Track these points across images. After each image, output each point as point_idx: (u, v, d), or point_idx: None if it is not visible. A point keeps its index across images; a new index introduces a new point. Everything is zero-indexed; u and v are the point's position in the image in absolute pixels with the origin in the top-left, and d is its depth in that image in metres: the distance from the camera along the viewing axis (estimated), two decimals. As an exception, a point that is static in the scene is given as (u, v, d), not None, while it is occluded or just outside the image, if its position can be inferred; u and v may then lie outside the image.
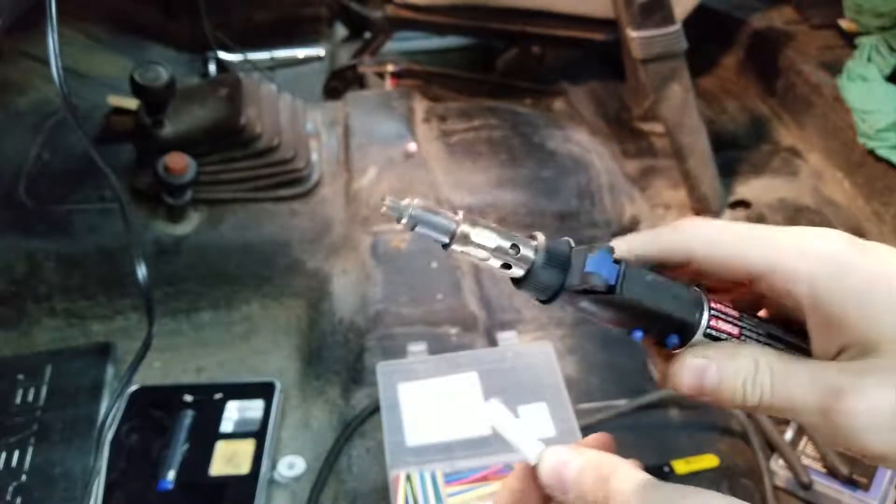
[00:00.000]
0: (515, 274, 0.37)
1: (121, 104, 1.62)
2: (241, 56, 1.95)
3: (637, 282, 0.36)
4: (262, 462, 1.04)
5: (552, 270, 0.36)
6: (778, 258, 0.35)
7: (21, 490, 0.99)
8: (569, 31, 1.83)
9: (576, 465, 0.36)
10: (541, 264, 0.36)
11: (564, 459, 0.37)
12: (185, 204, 1.39)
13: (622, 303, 0.36)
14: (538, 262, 0.36)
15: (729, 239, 0.37)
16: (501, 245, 0.36)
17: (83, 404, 1.11)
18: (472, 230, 0.36)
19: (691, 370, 0.36)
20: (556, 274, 0.36)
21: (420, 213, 0.36)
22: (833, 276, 0.34)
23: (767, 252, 0.35)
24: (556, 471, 0.37)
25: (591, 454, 0.37)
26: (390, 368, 1.13)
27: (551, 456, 0.37)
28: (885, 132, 1.47)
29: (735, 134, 1.79)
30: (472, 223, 0.36)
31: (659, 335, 0.38)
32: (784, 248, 0.35)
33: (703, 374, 0.36)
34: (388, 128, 1.64)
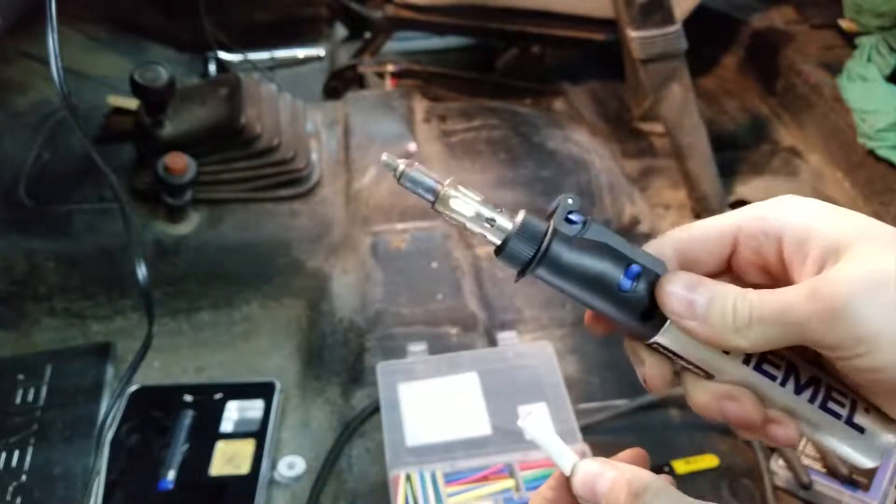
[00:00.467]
0: (493, 242, 0.38)
1: (121, 104, 1.62)
2: (241, 56, 1.95)
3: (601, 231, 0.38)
4: (262, 462, 1.04)
5: (524, 243, 0.37)
6: (760, 212, 0.38)
7: (21, 490, 0.99)
8: (569, 31, 1.83)
9: (608, 479, 0.37)
10: (514, 235, 0.38)
11: (597, 472, 0.38)
12: (185, 204, 1.39)
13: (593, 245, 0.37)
14: (512, 233, 0.38)
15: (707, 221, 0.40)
16: (480, 213, 0.38)
17: (83, 404, 1.11)
18: (455, 195, 0.38)
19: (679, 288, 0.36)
20: (527, 247, 0.37)
21: (410, 171, 0.38)
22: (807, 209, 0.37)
23: (743, 213, 0.39)
24: (589, 483, 0.38)
25: (623, 468, 0.37)
26: (390, 368, 1.13)
27: (585, 468, 0.38)
28: (885, 132, 1.47)
29: (735, 134, 1.79)
30: (456, 189, 0.38)
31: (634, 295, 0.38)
32: (763, 205, 0.38)
33: (693, 290, 0.36)
34: (388, 128, 1.64)
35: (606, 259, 0.37)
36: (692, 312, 0.36)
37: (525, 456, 1.02)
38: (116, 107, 1.62)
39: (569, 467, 0.39)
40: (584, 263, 0.37)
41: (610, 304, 0.38)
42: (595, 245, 0.37)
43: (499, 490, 0.99)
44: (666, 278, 0.37)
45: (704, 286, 0.36)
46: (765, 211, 0.38)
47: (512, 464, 1.01)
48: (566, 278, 0.38)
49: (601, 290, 0.38)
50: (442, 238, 1.42)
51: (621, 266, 0.38)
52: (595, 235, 0.38)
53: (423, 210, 1.48)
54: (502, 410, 1.08)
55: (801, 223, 0.36)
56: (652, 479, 0.36)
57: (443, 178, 0.38)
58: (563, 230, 0.38)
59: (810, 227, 0.36)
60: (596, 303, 0.38)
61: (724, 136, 1.74)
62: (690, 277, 0.37)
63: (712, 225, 0.39)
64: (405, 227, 1.45)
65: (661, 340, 0.38)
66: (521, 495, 0.98)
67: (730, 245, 0.39)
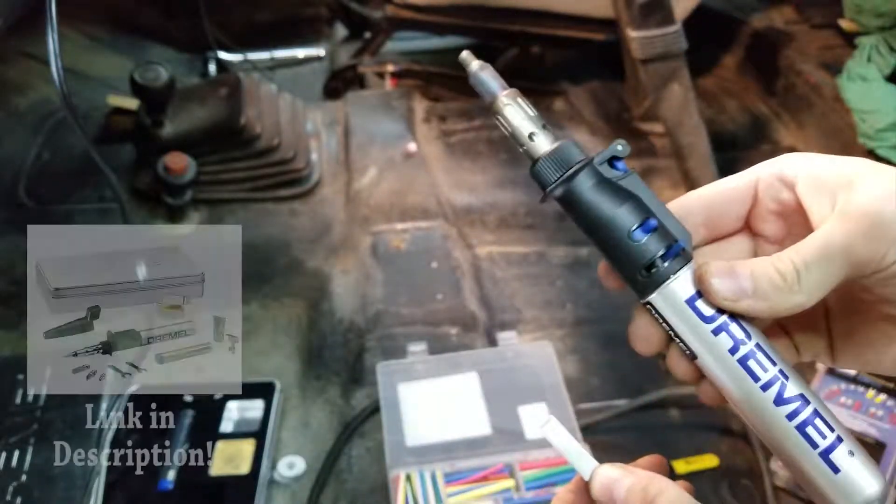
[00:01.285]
0: (530, 157, 0.40)
1: (121, 104, 1.62)
2: (241, 56, 1.95)
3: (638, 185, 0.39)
4: (262, 462, 1.04)
5: (552, 166, 0.39)
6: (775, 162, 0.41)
7: (21, 490, 0.99)
8: (569, 31, 1.83)
9: (625, 485, 0.38)
10: (545, 156, 0.39)
11: (615, 477, 0.39)
12: (185, 204, 1.39)
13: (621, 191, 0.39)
14: (545, 154, 0.39)
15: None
16: (523, 129, 0.40)
17: (83, 404, 1.11)
18: (508, 104, 0.41)
19: (722, 274, 0.37)
20: (554, 170, 0.39)
21: (479, 72, 0.42)
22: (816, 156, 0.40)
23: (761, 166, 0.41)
24: (607, 488, 0.39)
25: (641, 474, 0.38)
26: (390, 368, 1.13)
27: (603, 473, 0.39)
28: (885, 132, 1.47)
29: (735, 134, 1.79)
30: (514, 99, 0.41)
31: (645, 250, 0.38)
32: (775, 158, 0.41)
33: (733, 273, 0.37)
34: (388, 128, 1.64)
35: (628, 206, 0.38)
36: (744, 292, 0.37)
37: (525, 456, 1.02)
38: (116, 107, 1.63)
39: (588, 472, 0.40)
40: (602, 203, 0.39)
41: (616, 250, 0.39)
42: (623, 191, 0.39)
43: (499, 490, 0.99)
44: (705, 269, 0.37)
45: (741, 264, 0.37)
46: (779, 161, 0.40)
47: (512, 464, 1.01)
48: (581, 211, 0.39)
49: (611, 232, 0.38)
50: (442, 238, 1.42)
51: (640, 217, 0.38)
52: (629, 185, 0.39)
53: (423, 210, 1.48)
54: (502, 410, 1.08)
55: (813, 165, 0.39)
56: (668, 486, 0.37)
57: (506, 87, 0.41)
58: (600, 169, 0.39)
59: (822, 167, 0.38)
60: (603, 244, 0.39)
61: (724, 136, 1.74)
62: (723, 263, 0.37)
63: (734, 180, 0.41)
64: (405, 227, 1.45)
65: (659, 301, 0.38)
66: (521, 495, 0.97)
67: (751, 198, 0.41)
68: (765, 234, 0.42)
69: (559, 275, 1.37)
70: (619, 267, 0.39)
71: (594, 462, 0.40)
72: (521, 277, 1.37)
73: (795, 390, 0.37)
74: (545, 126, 0.40)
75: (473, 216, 1.48)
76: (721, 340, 0.37)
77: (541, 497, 0.97)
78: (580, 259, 1.41)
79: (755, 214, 0.41)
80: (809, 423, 0.37)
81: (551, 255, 1.41)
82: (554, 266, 1.39)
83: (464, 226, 1.46)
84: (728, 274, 0.37)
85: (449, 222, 1.46)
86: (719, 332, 0.37)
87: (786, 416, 0.37)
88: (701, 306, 0.38)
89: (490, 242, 1.44)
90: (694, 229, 0.40)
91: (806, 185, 0.38)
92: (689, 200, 0.42)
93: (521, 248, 1.42)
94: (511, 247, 1.43)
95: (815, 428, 0.37)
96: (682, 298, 0.38)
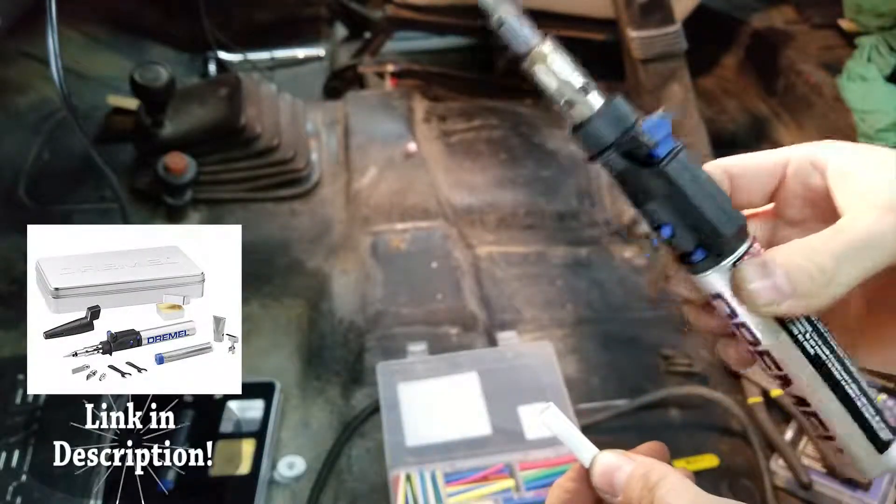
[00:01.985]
0: (575, 117, 0.35)
1: (121, 104, 1.62)
2: (241, 56, 1.95)
3: (686, 168, 0.35)
4: (262, 462, 1.04)
5: (607, 124, 0.35)
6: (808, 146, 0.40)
7: (21, 490, 0.99)
8: (569, 31, 1.83)
9: (626, 471, 0.38)
10: (599, 113, 0.35)
11: (615, 465, 0.38)
12: (185, 204, 1.39)
13: (660, 178, 0.35)
14: (598, 111, 0.35)
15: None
16: (572, 81, 0.35)
17: (83, 404, 1.11)
18: (550, 53, 0.35)
19: (758, 280, 0.35)
20: (610, 129, 0.35)
21: (509, 18, 0.35)
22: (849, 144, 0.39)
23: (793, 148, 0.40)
24: (607, 475, 0.38)
25: (641, 461, 0.38)
26: (390, 368, 1.13)
27: (603, 460, 0.39)
28: (885, 132, 1.47)
29: (735, 134, 1.79)
30: (555, 48, 0.35)
31: (685, 241, 0.36)
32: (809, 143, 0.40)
33: (768, 273, 0.35)
34: (388, 128, 1.64)
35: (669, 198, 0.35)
36: (781, 295, 0.35)
37: (525, 456, 1.02)
38: (116, 107, 1.62)
39: (588, 459, 0.39)
40: (649, 182, 0.35)
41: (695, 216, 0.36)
42: (666, 179, 0.35)
43: (499, 490, 0.99)
44: (740, 275, 0.36)
45: (773, 263, 0.35)
46: (812, 145, 0.40)
47: (512, 464, 1.01)
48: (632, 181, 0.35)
49: (657, 212, 0.36)
50: (442, 238, 1.42)
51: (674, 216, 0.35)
52: (674, 171, 0.35)
53: (423, 210, 1.48)
54: (502, 410, 1.08)
55: (845, 152, 0.38)
56: (669, 472, 0.36)
57: (542, 36, 0.35)
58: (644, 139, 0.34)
59: (854, 154, 0.38)
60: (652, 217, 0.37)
61: (724, 136, 1.74)
62: (756, 264, 0.36)
63: (764, 156, 0.40)
64: (405, 227, 1.45)
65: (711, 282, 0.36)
66: (521, 495, 0.98)
67: (779, 177, 0.40)
68: (786, 215, 0.41)
69: (559, 275, 1.37)
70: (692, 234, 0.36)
71: (594, 449, 0.40)
72: (521, 277, 1.37)
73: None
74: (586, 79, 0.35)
75: (473, 216, 1.48)
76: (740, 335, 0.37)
77: (541, 497, 0.97)
78: (580, 259, 1.41)
79: (780, 196, 0.40)
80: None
81: (551, 255, 1.41)
82: (554, 266, 1.39)
83: (464, 226, 1.47)
84: (763, 274, 0.35)
85: (449, 222, 1.46)
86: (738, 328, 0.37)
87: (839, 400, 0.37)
88: (719, 306, 0.37)
89: (490, 242, 1.44)
90: None
91: (836, 172, 0.37)
92: (715, 165, 0.40)
93: (521, 248, 1.42)
94: (511, 247, 1.43)
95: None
96: (710, 293, 0.37)
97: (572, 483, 0.40)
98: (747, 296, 0.36)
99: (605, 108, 0.35)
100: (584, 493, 0.39)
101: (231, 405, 1.11)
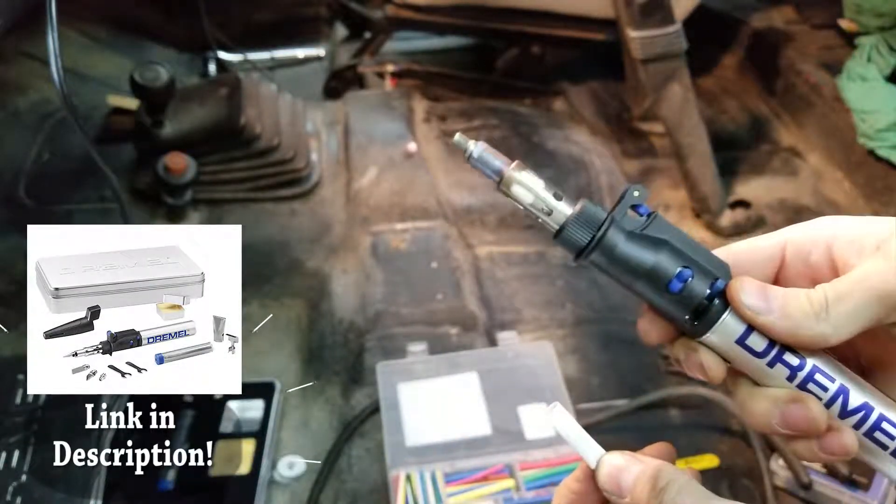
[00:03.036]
0: (552, 226, 0.39)
1: (121, 104, 1.62)
2: (241, 56, 1.95)
3: (667, 227, 0.38)
4: (262, 462, 1.04)
5: (582, 228, 0.38)
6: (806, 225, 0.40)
7: (21, 490, 0.99)
8: (569, 31, 1.83)
9: (633, 473, 0.37)
10: (572, 221, 0.38)
11: (622, 466, 0.38)
12: (185, 204, 1.39)
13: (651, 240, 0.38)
14: (571, 218, 0.38)
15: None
16: (542, 196, 0.39)
17: (83, 404, 1.11)
18: (522, 173, 0.39)
19: (753, 286, 0.36)
20: (585, 232, 0.38)
21: (480, 152, 0.39)
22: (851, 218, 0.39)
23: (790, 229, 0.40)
24: (614, 476, 0.38)
25: (648, 462, 0.38)
26: (390, 368, 1.13)
27: (610, 461, 0.38)
28: (885, 132, 1.47)
29: (735, 134, 1.79)
30: (521, 171, 0.39)
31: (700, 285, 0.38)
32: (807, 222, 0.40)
33: (765, 289, 0.36)
34: (388, 128, 1.64)
35: (662, 256, 0.38)
36: (769, 306, 0.36)
37: (525, 456, 1.02)
38: (116, 107, 1.63)
39: (594, 460, 0.39)
40: (638, 256, 0.38)
41: (661, 300, 0.38)
42: (653, 240, 0.38)
43: (499, 490, 0.99)
44: (738, 281, 0.37)
45: (774, 288, 0.37)
46: (812, 224, 0.39)
47: (512, 464, 1.01)
48: (620, 268, 0.38)
49: (653, 285, 0.38)
50: (442, 238, 1.42)
51: (676, 265, 0.38)
52: (656, 231, 0.38)
53: (423, 210, 1.48)
54: (502, 410, 1.08)
55: (851, 225, 0.38)
56: (676, 474, 0.36)
57: (509, 161, 0.39)
58: (623, 222, 0.38)
59: (861, 226, 0.37)
60: (647, 296, 0.38)
61: (724, 136, 1.74)
62: (759, 283, 0.37)
63: (761, 240, 0.40)
64: (405, 227, 1.45)
65: (712, 339, 0.38)
66: (521, 495, 0.98)
67: (778, 259, 0.40)
68: None
69: (559, 275, 1.37)
70: (666, 316, 0.39)
71: (600, 450, 0.39)
72: (521, 277, 1.37)
73: (859, 399, 0.37)
74: (556, 191, 0.39)
75: (473, 216, 1.48)
76: (778, 370, 0.37)
77: (541, 497, 0.97)
78: (580, 259, 1.41)
79: (783, 276, 0.40)
80: (876, 428, 0.37)
81: (551, 255, 1.41)
82: (554, 266, 1.39)
83: (464, 226, 1.46)
84: (760, 291, 0.36)
85: (449, 222, 1.46)
86: (774, 363, 0.37)
87: (853, 427, 0.37)
88: (753, 343, 0.37)
89: (490, 242, 1.44)
90: None
91: (843, 244, 0.37)
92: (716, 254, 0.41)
93: (521, 248, 1.42)
94: (511, 247, 1.43)
95: (882, 432, 0.37)
96: (733, 339, 0.38)
97: (578, 484, 0.40)
98: (734, 293, 0.36)
99: (577, 213, 0.38)
100: (591, 494, 0.39)
101: (231, 405, 1.11)
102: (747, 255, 0.40)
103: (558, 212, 0.39)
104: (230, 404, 1.11)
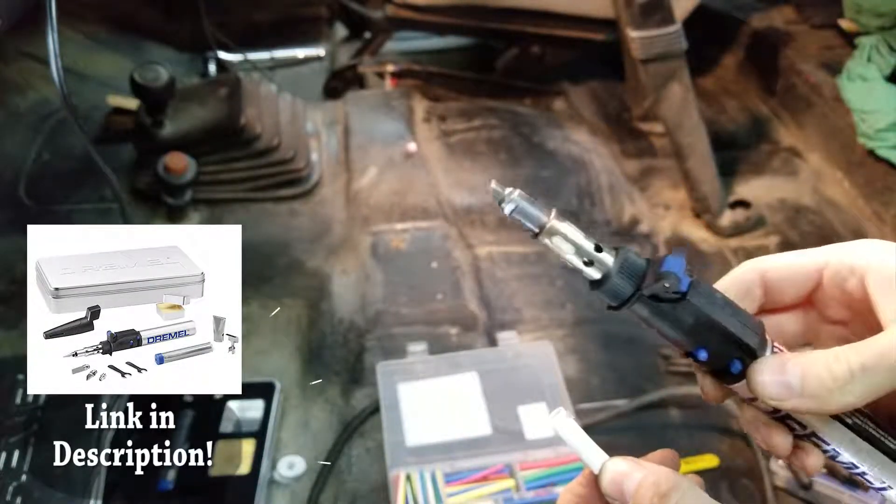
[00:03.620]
0: (593, 276, 0.39)
1: (121, 104, 1.62)
2: (241, 56, 1.95)
3: (705, 294, 0.38)
4: (262, 462, 1.04)
5: (625, 279, 0.38)
6: (847, 249, 0.39)
7: (21, 490, 0.99)
8: (569, 31, 1.83)
9: (636, 479, 0.37)
10: (616, 271, 0.38)
11: (625, 472, 0.38)
12: (185, 204, 1.39)
13: (686, 310, 0.37)
14: (614, 268, 0.38)
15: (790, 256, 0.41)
16: (583, 246, 0.38)
17: (83, 404, 1.11)
18: (562, 224, 0.38)
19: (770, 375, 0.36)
20: (628, 283, 0.38)
21: (520, 202, 0.38)
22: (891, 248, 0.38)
23: (830, 250, 0.40)
24: (617, 482, 0.38)
25: (652, 468, 0.37)
26: (390, 368, 1.13)
27: (613, 468, 0.38)
28: (885, 132, 1.47)
29: (735, 134, 1.79)
30: (561, 220, 0.38)
31: (720, 357, 0.38)
32: (849, 243, 0.39)
33: (784, 371, 0.36)
34: (388, 128, 1.65)
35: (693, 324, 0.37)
36: (789, 392, 0.36)
37: (525, 456, 1.02)
38: (116, 107, 1.63)
39: (597, 466, 0.39)
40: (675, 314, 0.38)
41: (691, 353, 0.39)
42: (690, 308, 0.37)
43: (499, 490, 0.99)
44: (755, 370, 0.37)
45: (793, 362, 0.36)
46: (851, 248, 0.39)
47: (512, 464, 1.01)
48: (660, 319, 0.38)
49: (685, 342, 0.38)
50: (442, 238, 1.43)
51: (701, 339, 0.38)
52: (695, 297, 0.37)
53: (423, 210, 1.48)
54: (502, 410, 1.08)
55: (885, 258, 0.37)
56: (680, 480, 0.36)
57: (548, 210, 0.38)
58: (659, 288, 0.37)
59: (894, 258, 0.37)
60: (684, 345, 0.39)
61: (724, 136, 1.74)
62: (777, 360, 0.37)
63: (800, 258, 0.40)
64: (405, 227, 1.45)
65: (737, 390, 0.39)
66: (521, 495, 0.98)
67: (815, 279, 0.40)
68: (827, 315, 0.41)
69: (559, 275, 1.37)
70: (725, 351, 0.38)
71: (604, 455, 0.39)
72: (521, 277, 1.37)
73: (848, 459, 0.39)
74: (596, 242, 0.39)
75: (473, 216, 1.48)
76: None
77: (541, 497, 0.97)
78: (580, 259, 1.41)
79: (819, 297, 0.40)
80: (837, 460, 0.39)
81: (551, 255, 1.41)
82: (554, 266, 1.39)
83: (464, 226, 1.46)
84: (779, 371, 0.36)
85: (449, 222, 1.46)
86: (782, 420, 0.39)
87: None
88: None
89: (490, 242, 1.44)
90: (751, 295, 0.40)
91: (876, 279, 0.37)
92: (749, 269, 0.40)
93: (521, 248, 1.42)
94: (511, 247, 1.43)
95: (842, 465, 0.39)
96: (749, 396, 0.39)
97: (582, 488, 0.40)
98: (755, 385, 0.36)
99: (620, 263, 0.38)
100: (594, 499, 0.39)
101: (231, 405, 1.11)
102: (786, 273, 0.40)
103: (599, 262, 0.38)
104: (230, 404, 1.11)
